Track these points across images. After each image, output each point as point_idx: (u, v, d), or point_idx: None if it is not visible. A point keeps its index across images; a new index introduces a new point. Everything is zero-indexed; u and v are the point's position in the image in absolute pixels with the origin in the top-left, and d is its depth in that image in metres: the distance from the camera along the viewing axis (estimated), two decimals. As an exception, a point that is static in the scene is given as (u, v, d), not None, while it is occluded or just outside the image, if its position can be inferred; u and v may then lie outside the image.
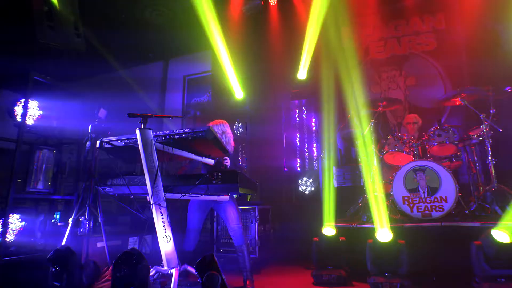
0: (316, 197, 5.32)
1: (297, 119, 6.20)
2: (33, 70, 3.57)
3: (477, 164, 4.19)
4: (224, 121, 3.62)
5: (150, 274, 2.47)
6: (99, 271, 2.64)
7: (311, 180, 5.61)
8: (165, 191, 2.62)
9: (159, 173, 2.57)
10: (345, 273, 3.37)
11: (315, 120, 6.04)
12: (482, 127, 3.97)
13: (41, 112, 3.95)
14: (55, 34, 3.71)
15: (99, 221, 3.46)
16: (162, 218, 2.57)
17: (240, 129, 5.89)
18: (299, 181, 5.69)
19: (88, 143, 3.58)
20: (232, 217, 3.31)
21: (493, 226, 2.95)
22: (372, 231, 3.46)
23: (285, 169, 5.87)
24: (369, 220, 3.78)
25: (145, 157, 2.55)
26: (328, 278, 3.31)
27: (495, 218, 3.39)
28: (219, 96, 6.81)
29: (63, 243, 3.27)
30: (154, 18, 6.42)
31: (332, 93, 6.05)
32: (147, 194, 2.59)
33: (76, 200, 3.93)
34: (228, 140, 3.51)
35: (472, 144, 4.27)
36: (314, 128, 6.02)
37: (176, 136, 2.63)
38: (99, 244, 3.50)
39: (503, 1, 5.10)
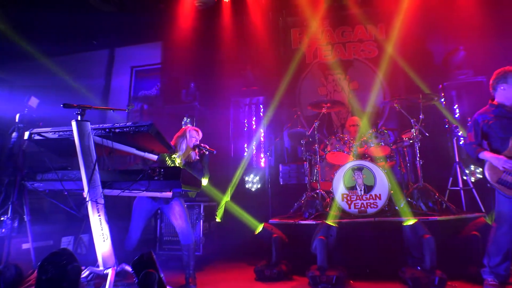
0: (262, 194, 5.42)
1: (246, 117, 6.25)
2: None
3: (408, 165, 4.59)
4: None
5: (83, 275, 2.32)
6: (22, 275, 2.41)
7: (257, 178, 5.70)
8: (104, 187, 2.48)
9: (96, 168, 2.43)
10: (286, 268, 3.49)
11: (263, 118, 6.14)
12: (413, 131, 4.34)
13: (-44, 98, 3.50)
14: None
15: (25, 220, 3.16)
16: (99, 216, 2.44)
17: (188, 125, 5.77)
18: (246, 179, 5.75)
19: (14, 134, 3.23)
20: (181, 215, 3.27)
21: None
22: (313, 227, 3.62)
23: (232, 166, 5.89)
24: (311, 216, 3.95)
25: (81, 151, 2.40)
26: (270, 273, 3.40)
27: (419, 213, 3.76)
28: (169, 90, 6.62)
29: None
30: (101, 4, 6.02)
31: (281, 93, 6.21)
32: (83, 190, 2.44)
33: (-4, 197, 3.53)
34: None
35: (404, 146, 4.69)
36: (262, 126, 6.12)
37: (117, 130, 2.50)
38: (25, 246, 3.20)
39: (435, 24, 5.73)
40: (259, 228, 3.76)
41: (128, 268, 2.53)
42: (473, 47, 5.28)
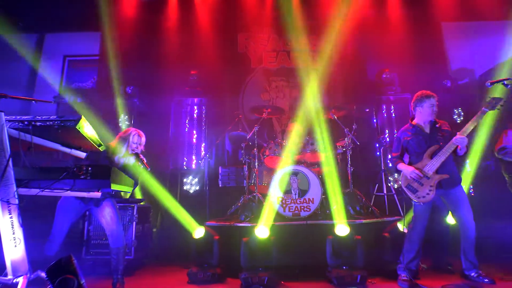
0: (201, 196, 5.35)
1: (188, 118, 6.12)
2: None
3: (340, 171, 4.88)
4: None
5: (-15, 286, 2.06)
6: None
7: (196, 179, 5.60)
8: (19, 186, 2.24)
9: (10, 164, 2.18)
10: (220, 270, 3.48)
11: (205, 120, 6.07)
12: (346, 139, 4.65)
13: None
14: None
15: None
16: (11, 218, 2.19)
17: (126, 122, 5.48)
18: (184, 180, 5.62)
19: None
20: (112, 216, 3.12)
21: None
22: (248, 229, 3.67)
23: (171, 167, 5.72)
24: (247, 219, 4.00)
25: (-8, 144, 2.14)
26: (203, 276, 3.35)
27: (347, 216, 4.02)
28: (106, 84, 6.22)
29: None
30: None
31: (224, 95, 6.21)
32: (-9, 189, 2.17)
33: None
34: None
35: (337, 153, 4.97)
36: (203, 128, 6.04)
37: (38, 123, 2.29)
38: None
39: (370, 43, 6.22)
40: (195, 230, 3.70)
41: (44, 275, 2.31)
42: (401, 67, 5.85)
